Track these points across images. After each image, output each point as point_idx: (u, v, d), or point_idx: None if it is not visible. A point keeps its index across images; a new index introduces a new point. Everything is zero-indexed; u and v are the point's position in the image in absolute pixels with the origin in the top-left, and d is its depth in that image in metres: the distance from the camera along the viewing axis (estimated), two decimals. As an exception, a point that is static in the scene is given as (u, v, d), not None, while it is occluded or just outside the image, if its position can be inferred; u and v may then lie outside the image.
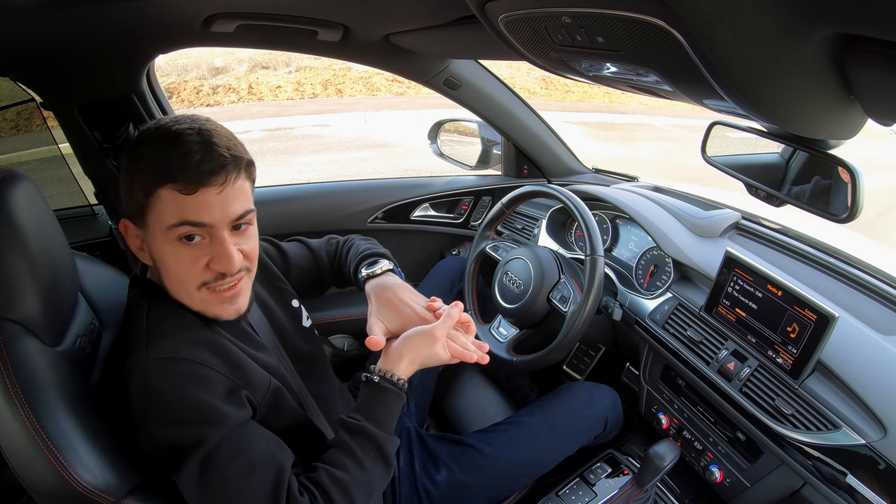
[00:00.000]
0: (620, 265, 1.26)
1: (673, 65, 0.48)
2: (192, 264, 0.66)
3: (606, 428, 1.14)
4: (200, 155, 0.63)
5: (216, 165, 0.63)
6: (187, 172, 0.62)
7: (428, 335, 0.77)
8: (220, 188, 0.64)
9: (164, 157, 0.63)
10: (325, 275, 1.05)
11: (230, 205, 0.66)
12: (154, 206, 0.64)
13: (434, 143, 1.70)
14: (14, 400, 0.59)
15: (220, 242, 0.66)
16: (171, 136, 0.64)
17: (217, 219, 0.65)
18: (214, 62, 7.13)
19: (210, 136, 0.65)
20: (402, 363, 0.77)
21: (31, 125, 3.56)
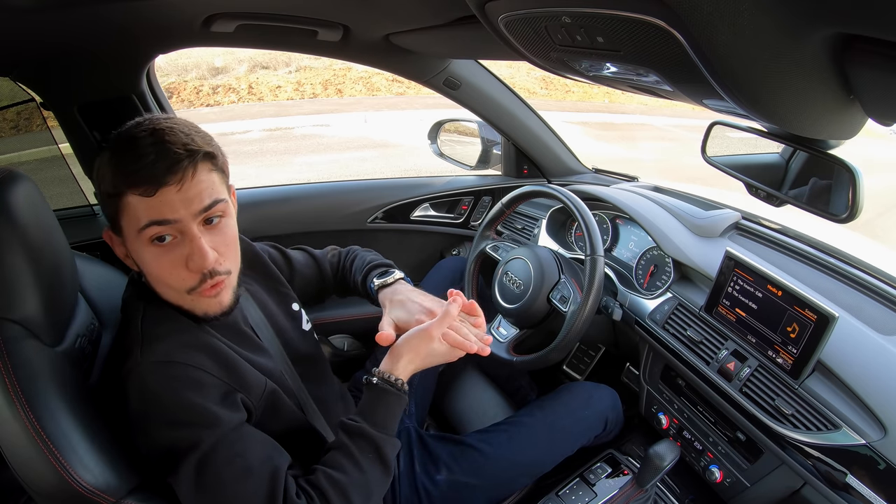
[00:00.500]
0: (620, 265, 1.26)
1: (673, 65, 0.48)
2: (172, 267, 0.66)
3: (606, 428, 1.14)
4: (153, 156, 0.62)
5: (171, 163, 0.63)
6: (143, 176, 0.62)
7: (424, 333, 0.78)
8: (179, 185, 0.63)
9: (122, 164, 0.63)
10: (327, 284, 1.07)
11: (193, 199, 0.65)
12: (123, 213, 0.65)
13: (434, 143, 1.70)
14: (14, 400, 0.59)
15: (192, 239, 0.65)
16: (126, 141, 0.64)
17: (182, 214, 0.64)
18: (214, 62, 7.12)
19: (163, 135, 0.64)
20: (401, 363, 0.77)
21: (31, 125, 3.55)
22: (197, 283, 0.67)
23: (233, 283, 0.73)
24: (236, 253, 0.73)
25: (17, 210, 0.64)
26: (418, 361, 0.78)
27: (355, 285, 1.02)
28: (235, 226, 0.72)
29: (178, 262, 0.66)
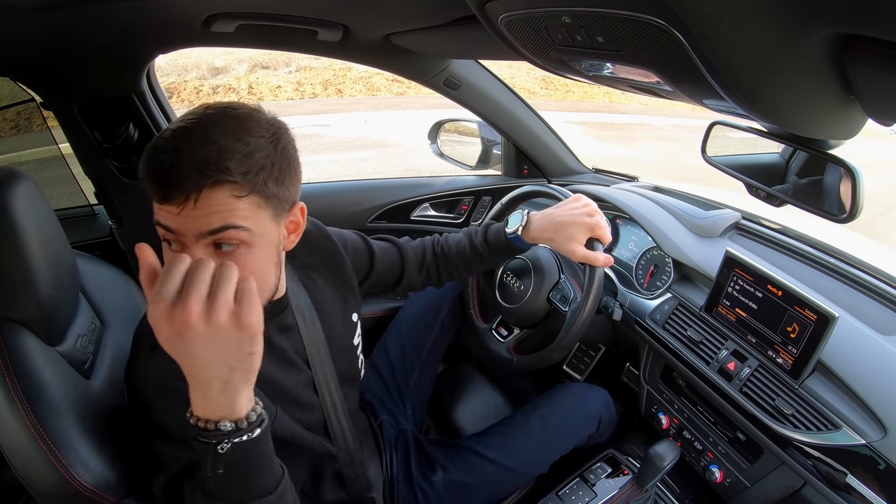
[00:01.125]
0: (620, 265, 1.26)
1: (673, 65, 0.48)
2: None
3: (600, 428, 1.15)
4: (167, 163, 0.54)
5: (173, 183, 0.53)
6: (148, 182, 0.55)
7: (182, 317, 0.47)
8: (179, 207, 0.54)
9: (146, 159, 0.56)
10: (407, 269, 1.02)
11: (198, 219, 0.55)
12: None
13: (434, 143, 1.69)
14: (14, 399, 0.59)
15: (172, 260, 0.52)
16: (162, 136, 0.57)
17: (183, 230, 0.56)
18: (214, 62, 7.12)
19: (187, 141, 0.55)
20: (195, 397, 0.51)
21: (31, 125, 3.56)
22: None
23: None
24: None
25: (19, 209, 0.64)
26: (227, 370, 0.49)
27: (467, 254, 1.00)
28: (263, 256, 0.61)
29: None
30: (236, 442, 0.50)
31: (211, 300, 0.47)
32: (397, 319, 1.29)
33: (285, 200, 0.62)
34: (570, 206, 0.96)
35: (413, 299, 1.33)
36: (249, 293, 0.49)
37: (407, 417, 1.16)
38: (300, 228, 0.69)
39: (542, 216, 0.97)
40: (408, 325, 1.26)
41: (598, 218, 0.94)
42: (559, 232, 0.94)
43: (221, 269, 0.49)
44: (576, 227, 0.93)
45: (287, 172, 0.62)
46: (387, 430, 1.08)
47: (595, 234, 0.93)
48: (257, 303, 0.49)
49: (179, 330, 0.46)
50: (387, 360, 1.21)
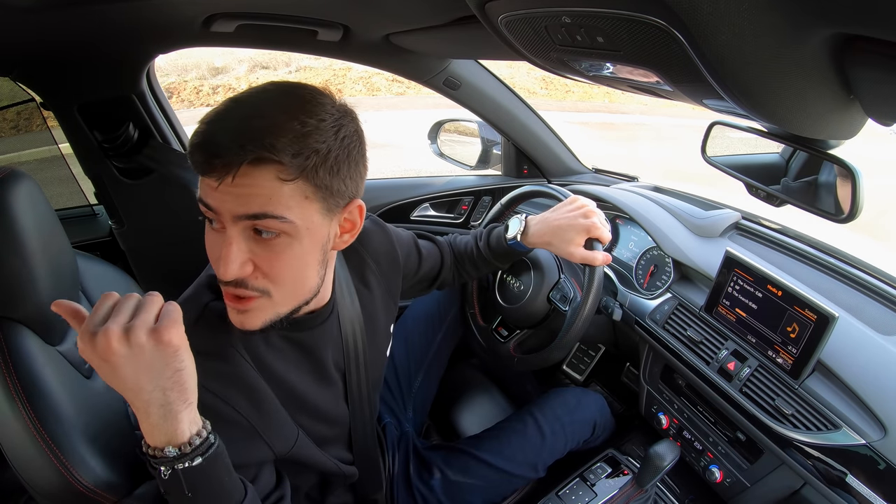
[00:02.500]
0: (620, 265, 1.26)
1: (673, 65, 0.48)
2: (210, 252, 0.58)
3: (595, 432, 1.15)
4: (205, 137, 0.51)
5: (210, 155, 0.51)
6: (191, 154, 0.52)
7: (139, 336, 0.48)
8: (216, 182, 0.51)
9: (196, 129, 0.53)
10: (444, 269, 1.05)
11: (236, 199, 0.52)
12: None
13: (434, 143, 1.69)
14: (15, 399, 0.59)
15: (227, 243, 0.54)
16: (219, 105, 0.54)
17: (220, 209, 0.53)
18: (214, 62, 7.12)
19: (233, 113, 0.52)
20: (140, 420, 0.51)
21: (31, 125, 3.56)
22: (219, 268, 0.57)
23: (273, 308, 0.59)
24: (289, 280, 0.58)
25: (19, 209, 0.64)
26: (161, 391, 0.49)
27: (474, 257, 1.03)
28: (306, 252, 0.58)
29: (214, 250, 0.57)
30: (179, 468, 0.50)
31: (130, 323, 0.48)
32: (402, 320, 1.29)
33: (339, 195, 0.58)
34: (567, 209, 0.97)
35: (418, 300, 1.33)
36: (169, 313, 0.50)
37: (408, 420, 1.16)
38: (356, 229, 0.64)
39: (539, 220, 0.98)
40: (413, 327, 1.25)
41: (594, 218, 0.95)
42: (556, 236, 0.95)
43: (144, 298, 0.51)
44: (572, 230, 0.94)
45: (345, 164, 0.57)
46: (390, 433, 1.09)
47: (592, 234, 0.94)
48: (179, 321, 0.50)
49: (104, 356, 0.47)
50: (391, 363, 1.21)
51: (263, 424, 0.63)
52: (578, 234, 0.93)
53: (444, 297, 1.28)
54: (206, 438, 0.52)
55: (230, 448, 0.59)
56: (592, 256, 0.93)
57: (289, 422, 0.66)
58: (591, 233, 0.94)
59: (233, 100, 0.54)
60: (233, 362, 0.61)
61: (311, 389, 0.70)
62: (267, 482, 0.66)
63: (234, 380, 0.61)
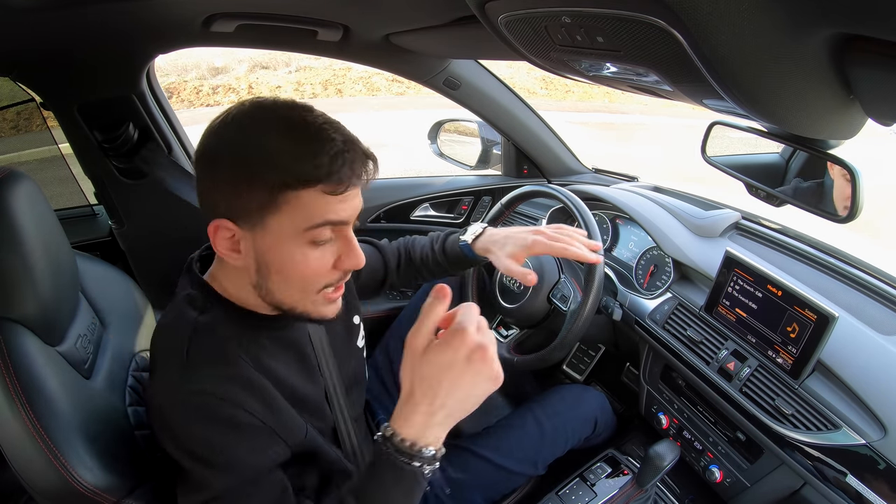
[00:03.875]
0: (620, 265, 1.26)
1: (673, 65, 0.48)
2: (320, 266, 0.62)
3: (596, 430, 1.15)
4: (350, 152, 0.58)
5: (363, 162, 0.59)
6: (342, 174, 0.57)
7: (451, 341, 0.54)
8: (361, 187, 0.61)
9: (311, 156, 0.56)
10: (390, 276, 1.04)
11: (359, 202, 0.62)
12: (286, 207, 0.57)
13: (434, 143, 1.69)
14: (15, 399, 0.59)
15: (350, 240, 0.63)
16: (310, 130, 0.57)
17: (351, 215, 0.61)
18: (214, 62, 7.12)
19: (342, 129, 0.60)
20: (410, 413, 0.55)
21: (31, 125, 3.56)
22: (336, 280, 0.64)
23: None
24: None
25: (19, 209, 0.64)
26: (446, 405, 0.53)
27: (430, 259, 1.00)
28: None
29: (328, 262, 0.62)
30: (426, 469, 0.56)
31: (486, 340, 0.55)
32: (399, 319, 1.29)
33: None
34: (523, 228, 0.95)
35: (415, 299, 1.33)
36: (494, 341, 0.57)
37: (406, 418, 1.16)
38: None
39: (497, 230, 0.97)
40: (411, 325, 1.25)
41: (539, 237, 0.90)
42: (496, 244, 0.93)
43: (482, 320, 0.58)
44: (512, 243, 0.91)
45: None
46: None
47: (533, 251, 0.91)
48: None
49: (473, 360, 0.53)
50: (387, 361, 1.21)
51: (276, 422, 0.64)
52: (518, 247, 0.90)
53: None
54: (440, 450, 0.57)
55: (257, 454, 0.62)
56: (521, 273, 0.88)
57: (295, 416, 0.68)
58: (532, 249, 0.90)
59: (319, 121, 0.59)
60: (238, 366, 0.63)
61: (301, 384, 0.73)
62: None
63: (244, 383, 0.62)
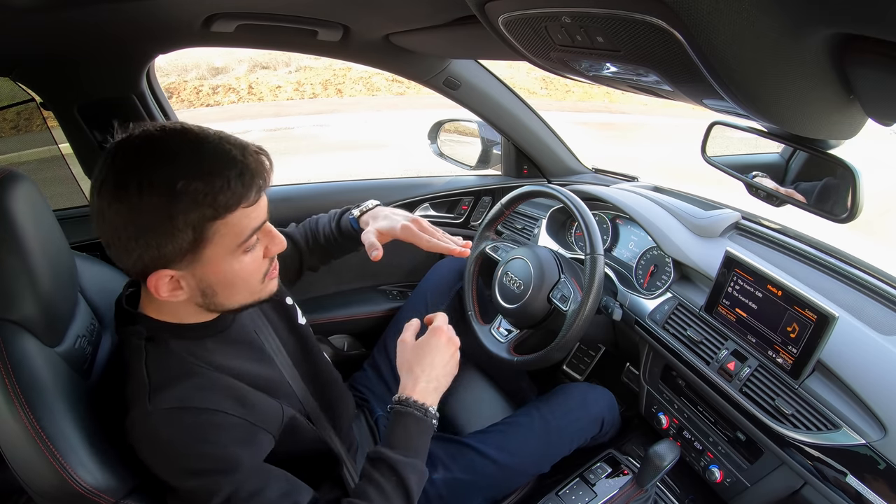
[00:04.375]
0: (620, 265, 1.26)
1: (673, 65, 0.48)
2: (256, 265, 0.66)
3: (602, 429, 1.15)
4: (252, 162, 0.60)
5: (261, 164, 0.62)
6: (252, 187, 0.60)
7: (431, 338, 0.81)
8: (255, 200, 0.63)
9: (225, 183, 0.57)
10: (304, 257, 1.02)
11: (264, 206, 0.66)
12: (216, 237, 0.59)
13: (434, 143, 1.69)
14: (14, 400, 0.59)
15: (269, 230, 0.67)
16: (212, 156, 0.58)
17: (266, 213, 0.65)
18: (214, 62, 7.13)
19: (235, 138, 0.62)
20: (419, 384, 0.78)
21: (31, 125, 3.55)
22: (269, 265, 0.69)
23: None
24: None
25: (17, 210, 0.64)
26: (438, 377, 0.79)
27: (330, 236, 0.99)
28: None
29: (259, 256, 0.66)
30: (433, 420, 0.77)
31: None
32: (397, 319, 1.30)
33: None
34: (404, 213, 0.97)
35: (413, 299, 1.33)
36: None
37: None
38: None
39: (384, 208, 0.98)
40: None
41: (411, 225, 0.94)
42: (376, 218, 0.95)
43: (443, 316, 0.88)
44: (384, 221, 0.94)
45: None
46: (383, 426, 1.08)
47: (398, 236, 0.93)
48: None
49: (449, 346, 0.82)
50: (387, 360, 1.21)
51: (254, 415, 0.67)
52: (387, 226, 0.93)
53: (432, 296, 1.29)
54: None
55: (250, 448, 0.65)
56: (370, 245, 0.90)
57: (268, 400, 0.71)
58: (398, 233, 0.93)
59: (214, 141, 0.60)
60: (200, 374, 0.66)
61: (261, 370, 0.76)
62: None
63: (211, 387, 0.65)
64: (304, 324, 0.93)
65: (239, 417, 0.65)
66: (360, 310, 1.53)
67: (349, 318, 1.52)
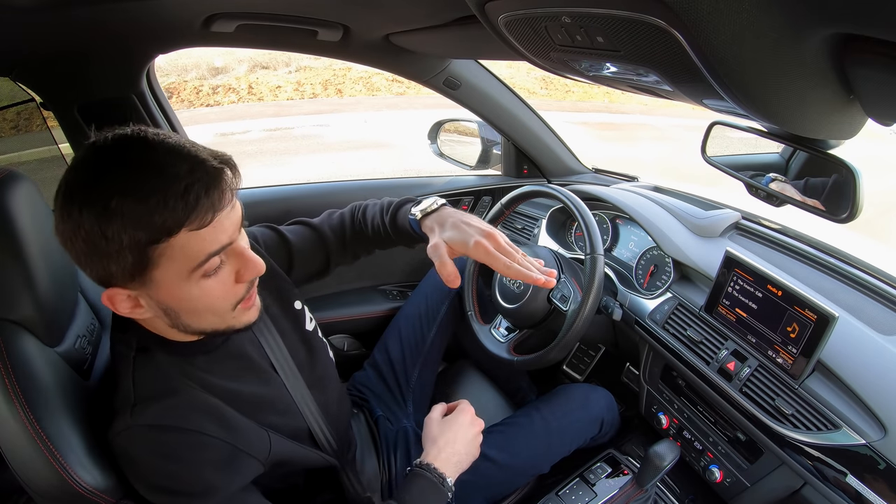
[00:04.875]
0: (620, 265, 1.26)
1: (673, 65, 0.48)
2: (222, 291, 0.60)
3: (602, 429, 1.15)
4: (203, 180, 0.53)
5: (218, 181, 0.55)
6: (202, 205, 0.53)
7: (460, 418, 0.88)
8: (232, 202, 0.57)
9: (161, 204, 0.51)
10: (332, 253, 0.95)
11: (236, 212, 0.59)
12: (161, 259, 0.54)
13: (434, 143, 1.69)
14: (14, 400, 0.59)
15: (241, 253, 0.60)
16: (149, 172, 0.52)
17: (232, 233, 0.58)
18: (214, 62, 7.12)
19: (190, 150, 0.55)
20: (442, 455, 0.82)
21: (31, 125, 3.55)
22: (245, 291, 0.63)
23: None
24: None
25: (17, 210, 0.64)
26: (459, 453, 0.83)
27: (380, 229, 0.89)
28: None
29: (228, 282, 0.60)
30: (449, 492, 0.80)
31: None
32: (397, 318, 1.29)
33: None
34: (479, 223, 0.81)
35: (413, 299, 1.33)
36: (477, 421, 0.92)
37: (408, 416, 1.16)
38: None
39: (453, 211, 0.83)
40: (408, 324, 1.26)
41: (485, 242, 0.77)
42: (443, 226, 0.80)
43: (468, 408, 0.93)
44: (455, 232, 0.79)
45: None
46: (384, 428, 1.08)
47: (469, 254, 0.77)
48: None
49: (472, 427, 0.89)
50: (387, 359, 1.21)
51: (237, 439, 0.66)
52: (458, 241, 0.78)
53: (432, 296, 1.28)
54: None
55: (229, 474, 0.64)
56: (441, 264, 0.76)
57: (255, 428, 0.69)
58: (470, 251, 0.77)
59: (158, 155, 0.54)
60: (186, 393, 0.64)
61: (256, 388, 0.73)
62: None
63: (196, 408, 0.64)
64: (312, 329, 0.90)
65: (220, 440, 0.63)
66: (360, 310, 1.53)
67: (349, 318, 1.52)
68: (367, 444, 1.05)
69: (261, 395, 0.73)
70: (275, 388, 0.77)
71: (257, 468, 0.69)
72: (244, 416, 0.69)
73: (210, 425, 0.63)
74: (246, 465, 0.67)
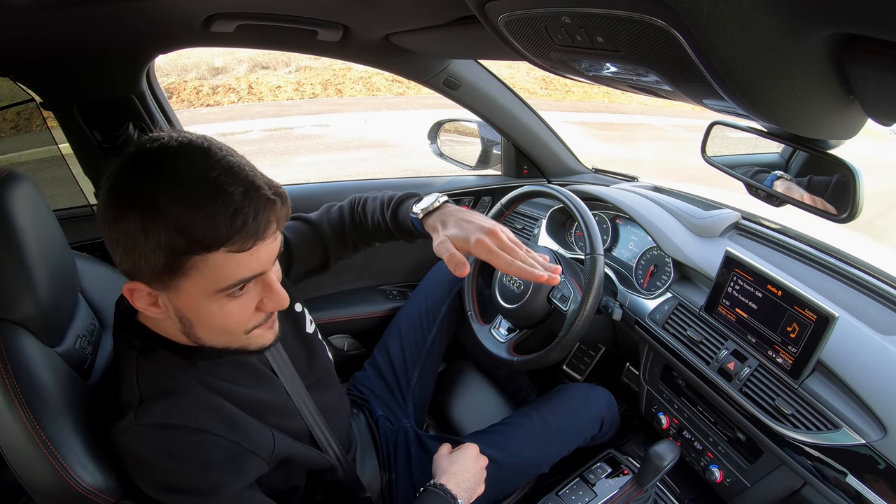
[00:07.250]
0: (620, 265, 1.26)
1: (673, 65, 0.48)
2: (241, 315, 0.61)
3: (602, 429, 1.15)
4: (255, 205, 0.54)
5: (269, 213, 0.56)
6: (245, 232, 0.54)
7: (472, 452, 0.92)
8: (274, 235, 0.58)
9: (208, 218, 0.52)
10: (331, 248, 0.94)
11: (276, 244, 0.60)
12: (193, 272, 0.55)
13: (434, 143, 1.69)
14: (14, 400, 0.59)
15: (269, 285, 0.61)
16: (204, 185, 0.53)
17: (266, 264, 0.59)
18: (214, 62, 7.12)
19: (246, 177, 0.55)
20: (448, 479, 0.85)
21: (31, 125, 3.55)
22: (263, 320, 0.64)
23: None
24: None
25: (17, 210, 0.64)
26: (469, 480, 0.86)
27: (381, 226, 0.89)
28: None
29: (249, 308, 0.61)
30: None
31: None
32: (397, 319, 1.29)
33: None
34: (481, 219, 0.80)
35: (413, 299, 1.33)
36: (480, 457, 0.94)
37: (408, 415, 1.16)
38: None
39: (455, 209, 0.83)
40: (408, 324, 1.26)
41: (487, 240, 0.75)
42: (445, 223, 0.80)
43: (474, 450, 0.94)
44: (458, 229, 0.78)
45: None
46: (384, 428, 1.08)
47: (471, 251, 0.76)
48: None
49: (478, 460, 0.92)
50: (387, 360, 1.21)
51: (242, 437, 0.66)
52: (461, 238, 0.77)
53: (432, 296, 1.29)
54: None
55: (234, 472, 0.64)
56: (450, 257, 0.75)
57: (260, 426, 0.70)
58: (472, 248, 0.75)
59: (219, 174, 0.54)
60: (191, 392, 0.64)
61: (257, 392, 0.73)
62: None
63: (201, 406, 0.64)
64: (311, 332, 0.90)
65: (226, 439, 0.64)
66: (360, 310, 1.53)
67: (349, 318, 1.52)
68: (368, 444, 1.05)
69: (261, 398, 0.74)
70: (275, 391, 0.77)
71: (262, 467, 0.69)
72: (248, 415, 0.69)
73: (216, 424, 0.64)
74: (251, 463, 0.67)
